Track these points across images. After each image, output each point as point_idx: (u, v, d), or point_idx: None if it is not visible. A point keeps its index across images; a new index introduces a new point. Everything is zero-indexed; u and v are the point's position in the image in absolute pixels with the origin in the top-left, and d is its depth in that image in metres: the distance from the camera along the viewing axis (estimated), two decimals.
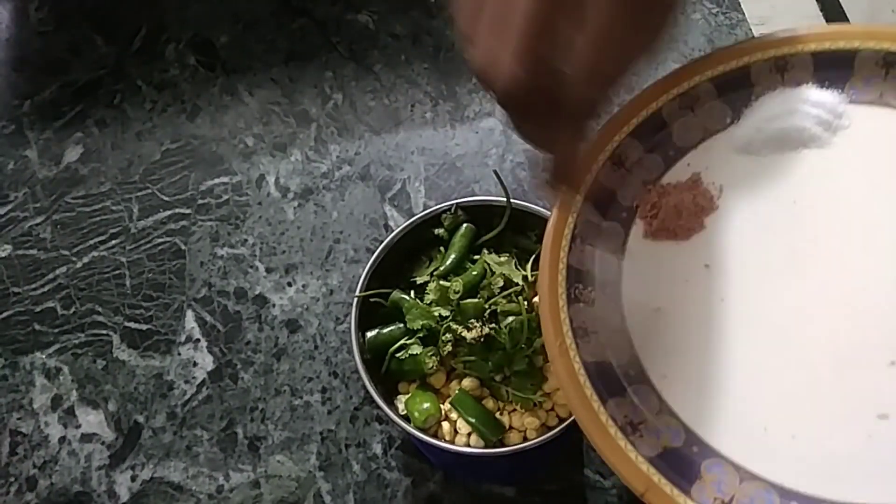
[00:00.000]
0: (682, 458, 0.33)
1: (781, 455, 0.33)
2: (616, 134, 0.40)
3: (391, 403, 0.45)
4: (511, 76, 0.27)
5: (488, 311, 0.45)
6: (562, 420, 0.45)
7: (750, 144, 0.39)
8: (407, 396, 0.46)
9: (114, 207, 0.63)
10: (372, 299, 0.48)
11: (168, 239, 0.61)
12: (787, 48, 0.39)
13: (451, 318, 0.45)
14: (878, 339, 0.33)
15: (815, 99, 0.38)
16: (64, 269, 0.61)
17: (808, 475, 0.32)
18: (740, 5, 0.67)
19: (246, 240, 0.61)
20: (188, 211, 0.62)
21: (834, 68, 0.38)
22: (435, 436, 0.45)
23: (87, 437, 0.55)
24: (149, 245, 0.61)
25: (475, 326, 0.44)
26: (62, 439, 0.55)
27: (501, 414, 0.45)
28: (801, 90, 0.38)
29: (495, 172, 0.52)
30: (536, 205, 0.48)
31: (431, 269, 0.48)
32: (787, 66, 0.39)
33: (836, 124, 0.37)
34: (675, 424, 0.34)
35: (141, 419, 0.55)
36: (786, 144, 0.38)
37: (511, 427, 0.45)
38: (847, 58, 0.38)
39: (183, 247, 0.61)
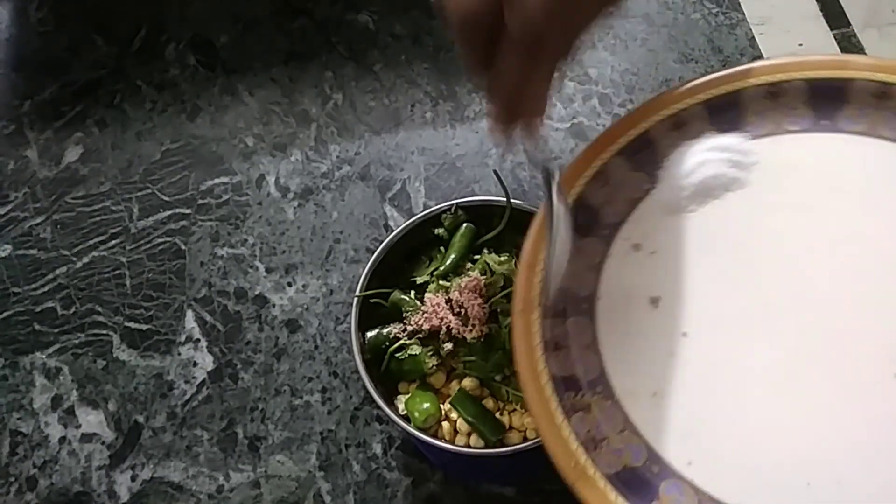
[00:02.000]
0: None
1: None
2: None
3: (391, 403, 0.45)
4: (469, 5, 0.29)
5: (488, 311, 0.45)
6: None
7: (676, 204, 0.39)
8: (407, 396, 0.46)
9: (114, 207, 0.63)
10: (372, 299, 0.48)
11: (168, 239, 0.61)
12: (679, 104, 0.40)
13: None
14: (843, 360, 0.34)
15: (720, 144, 0.39)
16: (64, 269, 0.61)
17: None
18: (740, 5, 0.67)
19: (246, 240, 0.61)
20: (188, 211, 0.62)
21: (726, 111, 0.39)
22: (435, 436, 0.45)
23: (87, 437, 0.55)
24: (149, 245, 0.61)
25: (475, 326, 0.44)
26: (62, 439, 0.55)
27: (501, 414, 0.45)
28: (701, 140, 0.39)
29: (495, 172, 0.52)
30: (536, 205, 0.48)
31: (431, 269, 0.48)
32: (684, 122, 0.40)
33: (747, 162, 0.39)
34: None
35: (141, 419, 0.55)
36: (709, 194, 0.39)
37: (511, 427, 0.45)
38: (735, 100, 0.39)
39: (183, 247, 0.61)
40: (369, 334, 0.47)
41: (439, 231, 0.49)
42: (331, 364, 0.56)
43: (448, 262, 0.48)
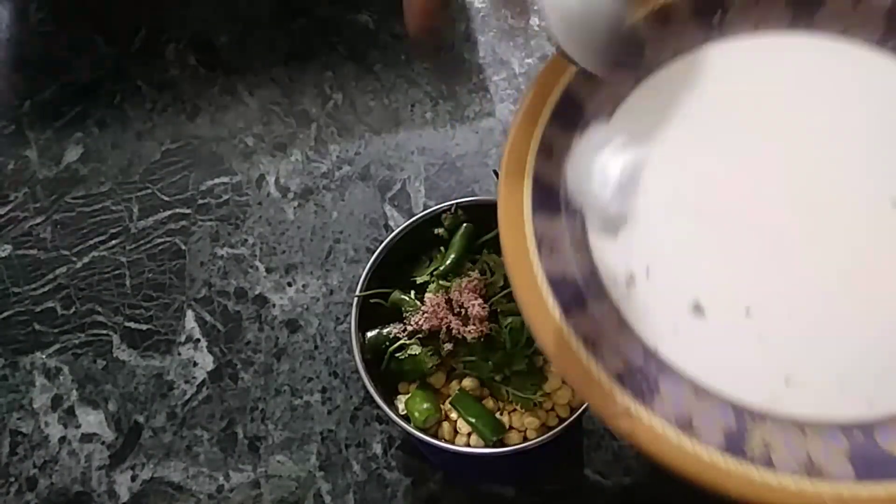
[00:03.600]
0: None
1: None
2: None
3: (391, 403, 0.45)
4: None
5: (488, 311, 0.45)
6: (562, 420, 0.45)
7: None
8: (407, 396, 0.46)
9: (114, 207, 0.63)
10: (372, 299, 0.48)
11: (168, 239, 0.61)
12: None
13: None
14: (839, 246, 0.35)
15: (598, 141, 0.40)
16: (64, 269, 0.61)
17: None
18: None
19: (246, 240, 0.61)
20: (188, 211, 0.62)
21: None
22: (435, 436, 0.45)
23: (87, 437, 0.55)
24: (149, 245, 0.61)
25: (475, 326, 0.44)
26: (62, 439, 0.55)
27: (501, 414, 0.45)
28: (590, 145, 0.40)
29: (495, 172, 0.52)
30: None
31: (431, 269, 0.48)
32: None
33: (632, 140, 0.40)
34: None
35: (141, 419, 0.55)
36: (630, 190, 0.40)
37: (511, 427, 0.45)
38: None
39: (183, 247, 0.61)
40: (369, 334, 0.47)
41: (439, 231, 0.49)
42: (331, 364, 0.56)
43: (448, 262, 0.48)
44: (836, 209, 0.36)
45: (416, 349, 0.46)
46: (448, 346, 0.45)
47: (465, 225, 0.49)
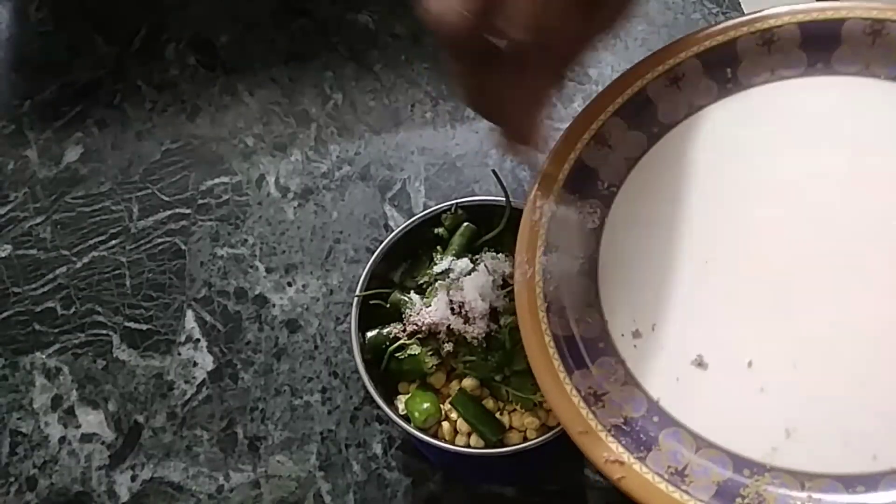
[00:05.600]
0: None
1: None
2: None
3: (391, 403, 0.45)
4: (458, 21, 0.29)
5: (488, 310, 0.45)
6: None
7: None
8: (407, 396, 0.46)
9: (114, 207, 0.63)
10: (372, 299, 0.48)
11: (168, 239, 0.61)
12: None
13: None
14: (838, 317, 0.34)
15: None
16: (64, 269, 0.61)
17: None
18: (740, 5, 0.67)
19: (246, 240, 0.61)
20: (188, 211, 0.62)
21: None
22: (435, 436, 0.45)
23: (87, 437, 0.55)
24: (149, 245, 0.61)
25: (475, 326, 0.44)
26: (62, 439, 0.55)
27: (501, 414, 0.45)
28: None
29: (494, 172, 0.52)
30: None
31: (431, 269, 0.48)
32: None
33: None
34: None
35: (141, 419, 0.55)
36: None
37: (511, 427, 0.45)
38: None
39: (183, 247, 0.61)
40: (369, 334, 0.47)
41: (439, 231, 0.49)
42: (331, 364, 0.56)
43: (448, 262, 0.48)
44: (848, 260, 0.35)
45: (416, 349, 0.46)
46: (448, 346, 0.45)
47: (465, 225, 0.49)
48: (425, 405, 0.45)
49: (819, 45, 0.38)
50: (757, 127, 0.39)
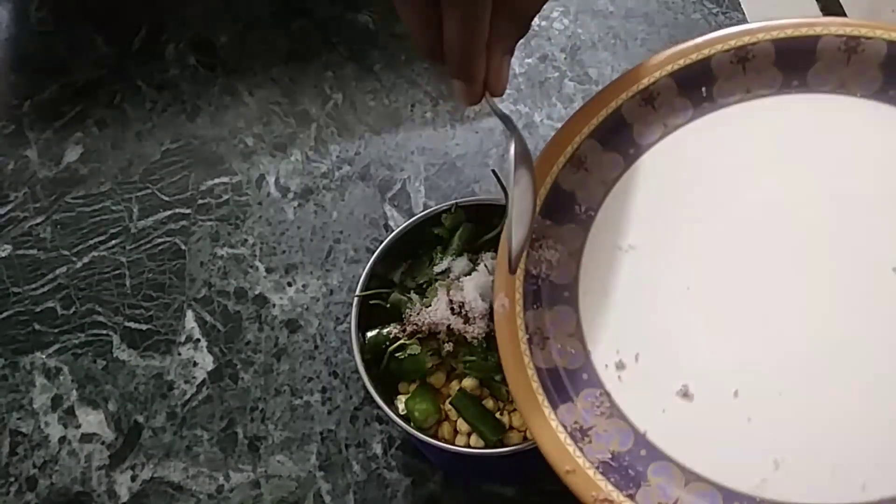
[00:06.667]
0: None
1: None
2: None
3: (391, 403, 0.45)
4: None
5: (488, 310, 0.45)
6: None
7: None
8: (407, 396, 0.46)
9: (114, 207, 0.63)
10: (372, 300, 0.48)
11: (168, 239, 0.61)
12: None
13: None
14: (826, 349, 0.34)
15: None
16: (64, 269, 0.61)
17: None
18: (740, 5, 0.67)
19: (246, 240, 0.61)
20: (188, 211, 0.62)
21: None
22: (435, 436, 0.45)
23: (87, 437, 0.55)
24: (149, 245, 0.61)
25: (476, 326, 0.44)
26: (62, 439, 0.55)
27: (501, 414, 0.45)
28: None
29: (494, 172, 0.52)
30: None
31: (431, 269, 0.48)
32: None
33: None
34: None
35: (141, 419, 0.55)
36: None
37: (511, 427, 0.45)
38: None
39: (183, 247, 0.61)
40: (369, 334, 0.47)
41: (439, 231, 0.49)
42: (331, 364, 0.56)
43: (448, 262, 0.48)
44: (829, 284, 0.34)
45: (416, 349, 0.46)
46: (448, 346, 0.45)
47: (465, 225, 0.49)
48: (425, 405, 0.45)
49: (794, 63, 0.38)
50: (733, 146, 0.38)
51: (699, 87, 0.39)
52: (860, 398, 0.32)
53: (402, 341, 0.46)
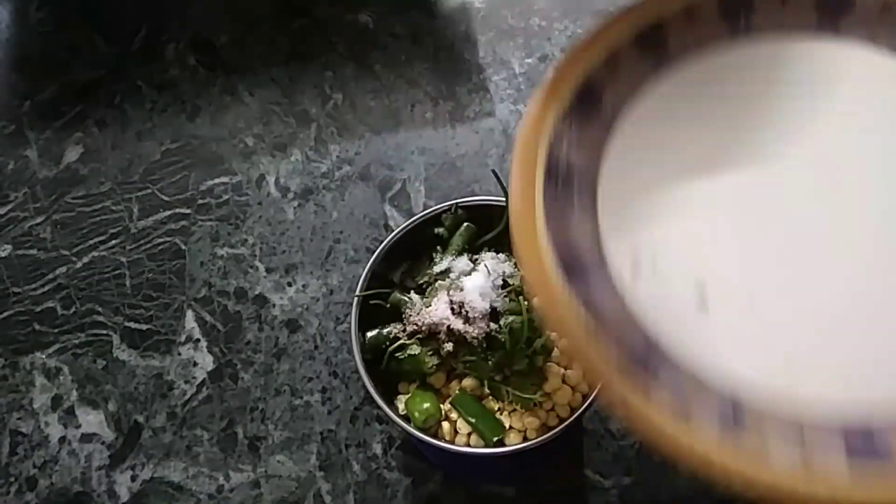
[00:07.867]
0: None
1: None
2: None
3: (391, 403, 0.45)
4: None
5: (489, 310, 0.45)
6: (562, 420, 0.45)
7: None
8: (407, 396, 0.46)
9: (114, 207, 0.63)
10: (372, 300, 0.48)
11: (168, 239, 0.61)
12: None
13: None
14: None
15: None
16: (64, 269, 0.61)
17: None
18: None
19: (246, 240, 0.61)
20: (188, 211, 0.62)
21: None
22: (435, 436, 0.45)
23: (87, 437, 0.55)
24: (149, 245, 0.61)
25: (476, 326, 0.44)
26: (62, 439, 0.55)
27: (501, 414, 0.45)
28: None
29: (494, 172, 0.52)
30: None
31: (431, 269, 0.48)
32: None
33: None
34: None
35: (141, 419, 0.55)
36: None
37: (511, 427, 0.45)
38: None
39: (183, 247, 0.61)
40: (369, 334, 0.47)
41: (439, 231, 0.49)
42: (331, 364, 0.56)
43: (448, 262, 0.48)
44: (850, 210, 0.36)
45: (416, 349, 0.46)
46: (448, 346, 0.45)
47: (465, 225, 0.49)
48: (425, 405, 0.44)
49: (831, 6, 0.39)
50: (763, 81, 0.39)
51: (738, 13, 0.40)
52: (875, 316, 0.33)
53: (402, 341, 0.46)
